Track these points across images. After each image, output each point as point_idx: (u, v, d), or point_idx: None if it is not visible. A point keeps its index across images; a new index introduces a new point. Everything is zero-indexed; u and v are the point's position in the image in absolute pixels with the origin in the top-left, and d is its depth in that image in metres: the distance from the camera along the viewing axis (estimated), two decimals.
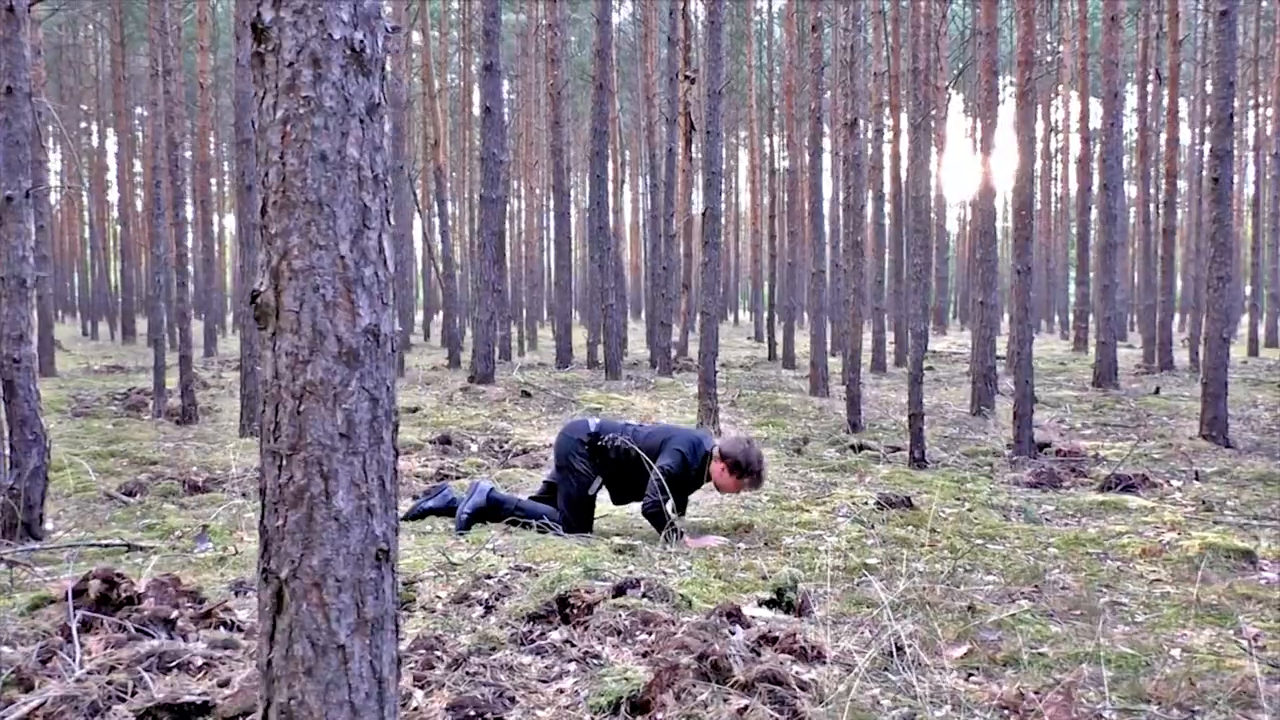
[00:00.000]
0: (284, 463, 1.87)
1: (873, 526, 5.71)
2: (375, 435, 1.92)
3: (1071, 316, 27.86)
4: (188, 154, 32.40)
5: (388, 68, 1.99)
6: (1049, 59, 32.75)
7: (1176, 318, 39.08)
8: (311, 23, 1.83)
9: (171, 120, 11.36)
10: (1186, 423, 10.41)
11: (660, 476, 5.32)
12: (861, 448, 8.98)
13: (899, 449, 8.89)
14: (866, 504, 6.35)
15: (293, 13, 1.82)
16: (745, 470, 5.51)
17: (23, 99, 5.52)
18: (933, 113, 25.38)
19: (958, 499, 6.74)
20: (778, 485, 7.23)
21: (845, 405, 10.59)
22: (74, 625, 3.54)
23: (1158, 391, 13.74)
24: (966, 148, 35.26)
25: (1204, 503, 6.42)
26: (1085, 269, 19.07)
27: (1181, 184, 33.13)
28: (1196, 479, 7.33)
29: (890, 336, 21.70)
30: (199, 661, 3.34)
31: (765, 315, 23.92)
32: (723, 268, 41.07)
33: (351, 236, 1.87)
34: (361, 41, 1.88)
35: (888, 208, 20.90)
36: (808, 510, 6.25)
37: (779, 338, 20.59)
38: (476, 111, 15.08)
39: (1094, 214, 17.89)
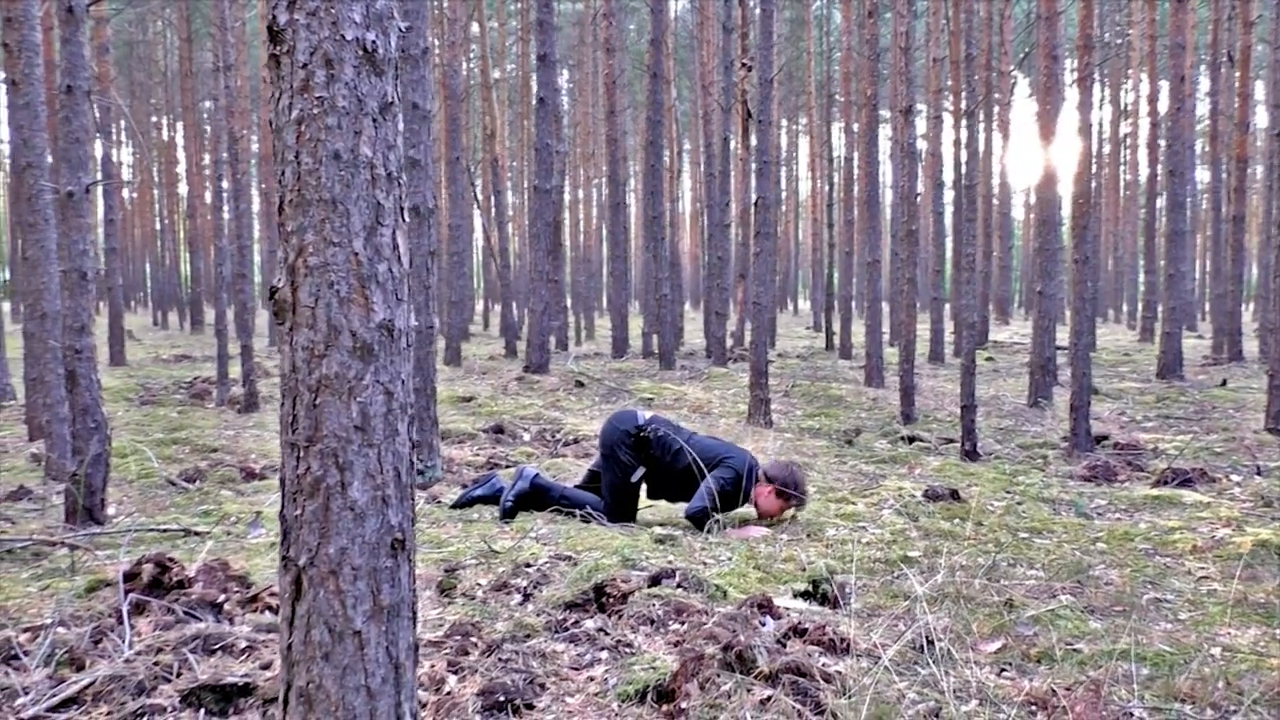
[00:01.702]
0: (301, 454, 1.92)
1: (916, 519, 5.67)
2: (390, 428, 1.96)
3: (1139, 306, 27.24)
4: (254, 146, 33.05)
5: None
6: (1118, 41, 32.03)
7: (1250, 307, 38.06)
8: (324, 24, 1.87)
9: (233, 114, 11.59)
10: (1252, 415, 10.15)
11: (715, 488, 5.37)
12: (913, 439, 8.90)
13: (952, 441, 8.80)
14: (913, 496, 6.30)
15: (306, 15, 1.87)
16: (792, 494, 5.53)
17: (82, 97, 5.68)
18: (996, 97, 24.95)
19: (1008, 492, 6.66)
20: (824, 476, 7.21)
21: (899, 396, 10.50)
22: (125, 608, 3.67)
23: (1224, 383, 13.40)
24: (1034, 133, 34.59)
25: (1263, 498, 6.26)
26: (1153, 257, 18.63)
27: (1259, 169, 32.22)
28: (1258, 474, 7.15)
29: (950, 326, 21.43)
30: (242, 644, 3.44)
31: (823, 304, 23.73)
32: (782, 256, 40.84)
33: (365, 234, 1.91)
34: (374, 42, 1.91)
35: (949, 195, 20.59)
36: (853, 502, 6.22)
37: (836, 327, 20.44)
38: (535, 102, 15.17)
39: (1161, 201, 17.48)
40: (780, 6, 32.02)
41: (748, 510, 5.78)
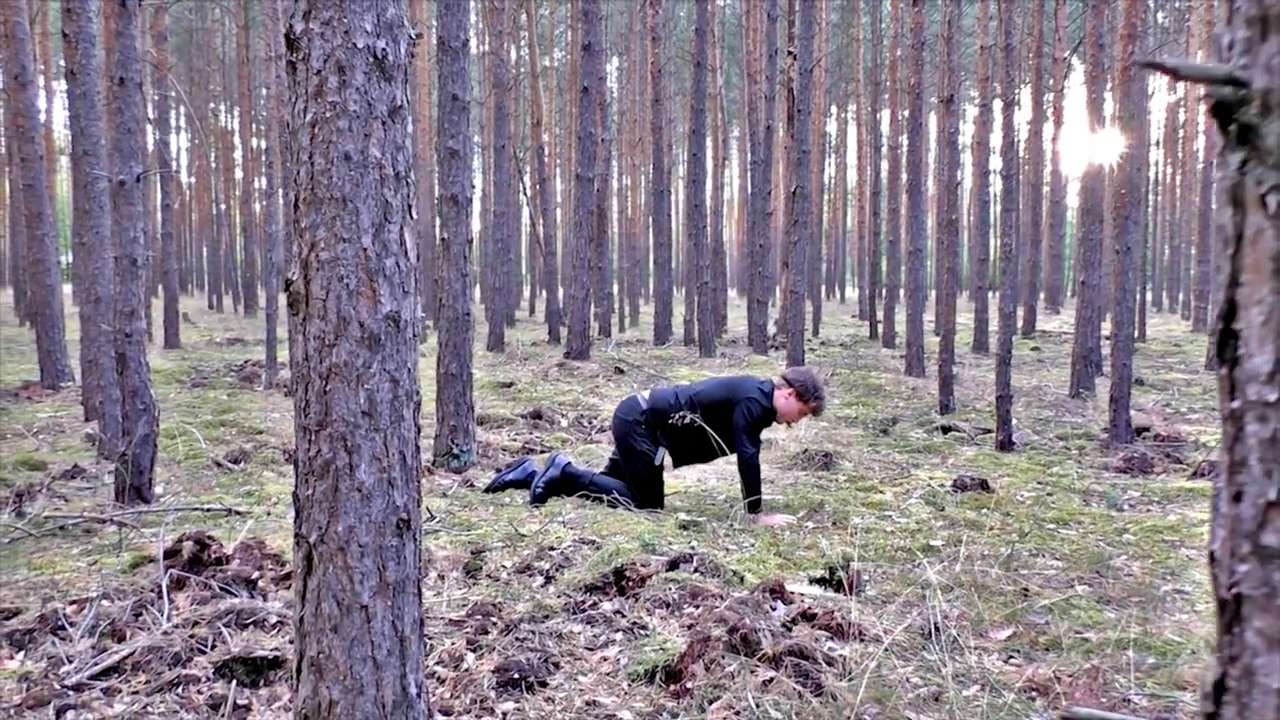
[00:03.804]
0: (313, 437, 2.04)
1: (943, 509, 5.71)
2: (396, 414, 2.07)
3: (1192, 296, 26.74)
4: None
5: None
6: (1177, 27, 31.41)
7: None
8: (337, 33, 1.98)
9: (283, 103, 11.82)
10: None
11: (744, 426, 5.47)
12: (949, 429, 8.89)
13: (988, 431, 8.77)
14: (943, 486, 6.33)
15: (320, 24, 1.98)
16: (810, 395, 5.63)
17: (134, 89, 5.87)
18: (1050, 84, 24.57)
19: (1040, 483, 6.66)
20: (857, 465, 7.25)
21: (938, 385, 10.48)
22: (164, 583, 3.84)
23: None
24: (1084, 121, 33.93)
25: None
26: (1206, 247, 18.32)
27: None
28: None
29: (995, 316, 21.22)
30: (274, 619, 3.59)
31: (868, 292, 23.63)
32: (829, 244, 40.63)
33: (374, 230, 2.02)
34: (384, 49, 2.02)
35: (997, 184, 20.36)
36: (882, 491, 6.26)
37: (880, 315, 20.36)
38: None
39: (1215, 189, 17.16)
40: None
41: (780, 500, 5.85)
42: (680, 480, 6.50)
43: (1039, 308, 25.41)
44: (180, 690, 3.08)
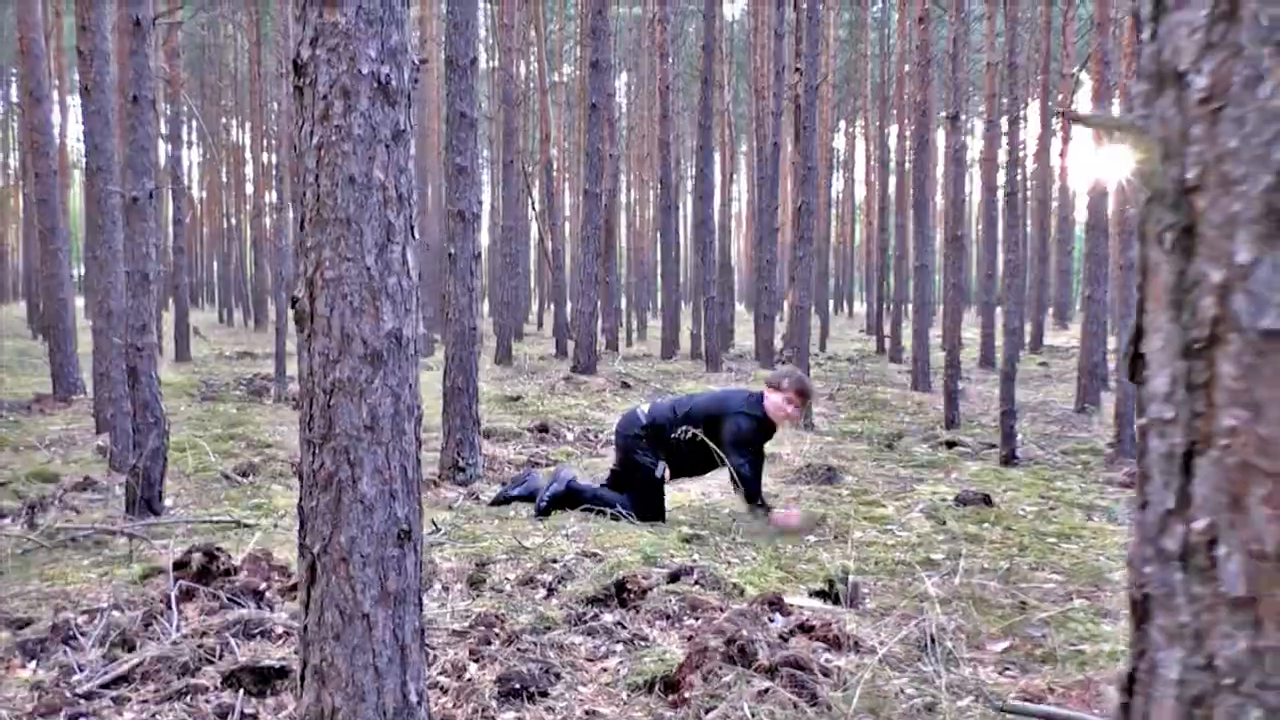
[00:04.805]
0: (317, 450, 2.10)
1: (945, 523, 5.75)
2: (398, 428, 2.14)
3: None
4: None
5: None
6: None
7: None
8: (343, 59, 2.05)
9: (293, 120, 11.96)
10: None
11: (733, 441, 5.55)
12: (954, 444, 8.93)
13: (993, 446, 8.80)
14: (945, 501, 6.37)
15: (327, 51, 2.05)
16: (788, 382, 5.73)
17: (147, 106, 5.97)
18: (1059, 99, 24.64)
19: (1043, 497, 6.69)
20: (860, 479, 7.29)
21: (944, 401, 10.51)
22: (173, 594, 3.90)
23: None
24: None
25: None
26: None
27: None
28: None
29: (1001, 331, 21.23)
30: (280, 629, 3.65)
31: (875, 308, 23.68)
32: (837, 259, 40.68)
33: (377, 250, 2.09)
34: (388, 75, 2.09)
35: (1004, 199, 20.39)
36: (884, 505, 6.30)
37: (888, 330, 20.40)
38: None
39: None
40: (838, 9, 31.94)
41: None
42: (684, 493, 6.55)
43: (1047, 323, 25.42)
44: (189, 699, 3.14)
